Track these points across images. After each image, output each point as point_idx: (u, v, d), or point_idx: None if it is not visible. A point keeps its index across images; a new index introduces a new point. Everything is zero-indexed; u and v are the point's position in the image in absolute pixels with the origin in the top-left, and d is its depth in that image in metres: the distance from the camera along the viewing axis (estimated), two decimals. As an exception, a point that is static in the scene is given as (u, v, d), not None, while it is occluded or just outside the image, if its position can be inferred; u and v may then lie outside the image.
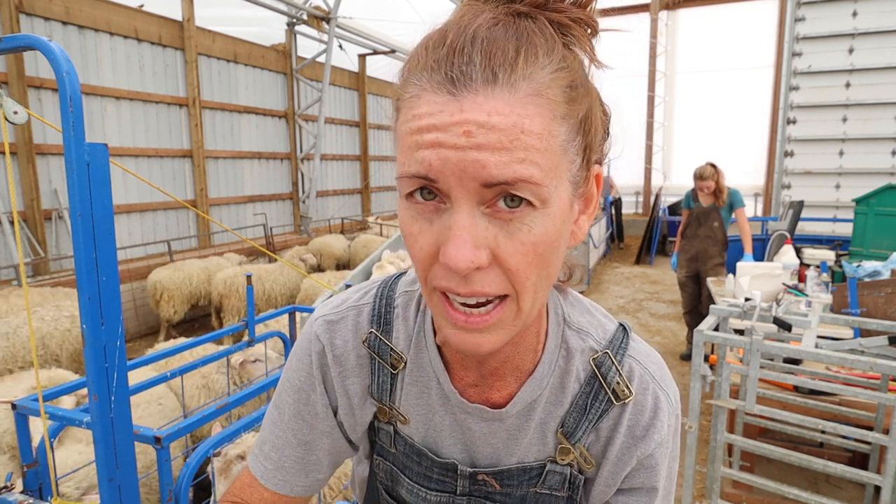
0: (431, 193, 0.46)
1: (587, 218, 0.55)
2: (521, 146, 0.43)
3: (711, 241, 4.78)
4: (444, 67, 0.44)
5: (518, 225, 0.45)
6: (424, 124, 0.44)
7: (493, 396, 0.63)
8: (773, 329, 2.45)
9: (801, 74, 6.87)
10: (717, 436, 2.26)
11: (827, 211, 7.00)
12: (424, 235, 0.47)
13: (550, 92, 0.45)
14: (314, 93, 10.88)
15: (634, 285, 8.59)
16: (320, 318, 0.69)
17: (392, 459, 0.69)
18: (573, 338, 0.63)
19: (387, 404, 0.67)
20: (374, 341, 0.66)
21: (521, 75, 0.44)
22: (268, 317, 2.66)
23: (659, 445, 0.62)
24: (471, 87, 0.43)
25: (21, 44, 1.16)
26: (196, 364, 2.27)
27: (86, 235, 1.15)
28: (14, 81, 6.10)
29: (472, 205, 0.45)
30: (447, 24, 0.48)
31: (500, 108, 0.43)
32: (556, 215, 0.47)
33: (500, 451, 0.64)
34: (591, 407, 0.62)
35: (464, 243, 0.44)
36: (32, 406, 1.69)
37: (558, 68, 0.46)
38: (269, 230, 9.25)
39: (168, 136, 8.15)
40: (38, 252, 6.31)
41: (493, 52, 0.44)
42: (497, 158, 0.42)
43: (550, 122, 0.45)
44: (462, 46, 0.44)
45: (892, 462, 1.91)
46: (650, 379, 0.63)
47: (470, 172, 0.43)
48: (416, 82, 0.46)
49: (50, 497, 1.63)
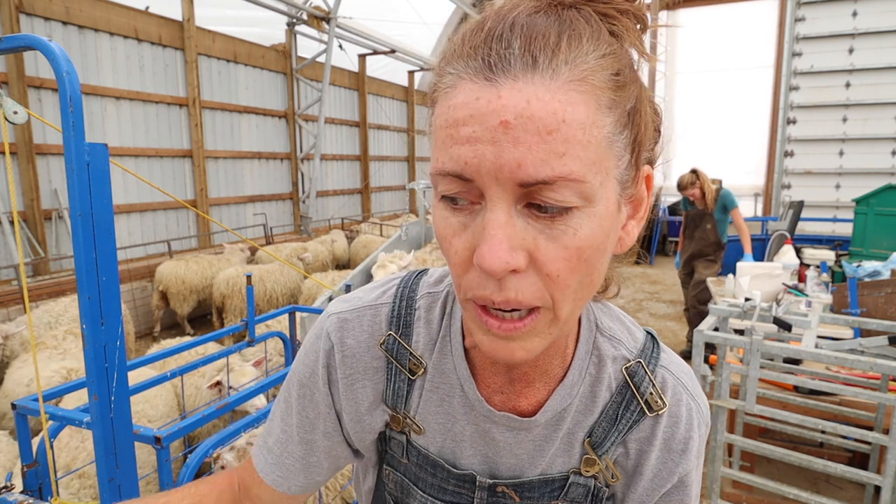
0: (463, 199, 0.44)
1: (637, 223, 0.51)
2: (561, 137, 0.40)
3: (705, 242, 4.92)
4: (482, 53, 0.42)
5: (562, 227, 0.42)
6: (461, 115, 0.42)
7: (520, 404, 0.60)
8: (773, 329, 2.45)
9: (801, 74, 6.88)
10: (717, 436, 2.26)
11: (827, 211, 7.01)
12: (459, 239, 0.45)
13: (595, 78, 0.42)
14: (314, 93, 10.88)
15: (634, 285, 8.59)
16: (334, 314, 0.65)
17: (403, 471, 0.66)
18: (605, 345, 0.60)
19: (401, 412, 0.63)
20: (392, 344, 0.62)
21: (563, 60, 0.41)
22: (268, 317, 2.66)
23: (696, 459, 0.60)
24: (509, 73, 0.41)
25: (21, 44, 1.16)
26: (196, 364, 2.27)
27: (86, 235, 1.15)
28: (14, 81, 6.09)
29: (509, 203, 0.42)
30: (485, 15, 0.46)
31: (541, 94, 0.40)
32: (603, 216, 0.43)
33: (524, 462, 0.61)
34: (621, 417, 0.59)
35: (499, 243, 0.41)
36: (32, 406, 1.69)
37: (604, 54, 0.43)
38: (269, 230, 9.25)
39: (168, 136, 8.15)
40: (38, 252, 6.31)
41: (534, 37, 0.41)
42: (534, 155, 0.39)
43: (595, 112, 0.41)
44: (501, 32, 0.42)
45: (892, 462, 1.91)
46: (683, 390, 0.60)
47: (506, 171, 0.40)
48: (451, 72, 0.44)
49: (50, 497, 1.63)
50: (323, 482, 0.70)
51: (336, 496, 2.38)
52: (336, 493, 2.38)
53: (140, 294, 6.55)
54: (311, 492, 0.71)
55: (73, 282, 5.94)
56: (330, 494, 2.36)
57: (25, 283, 1.25)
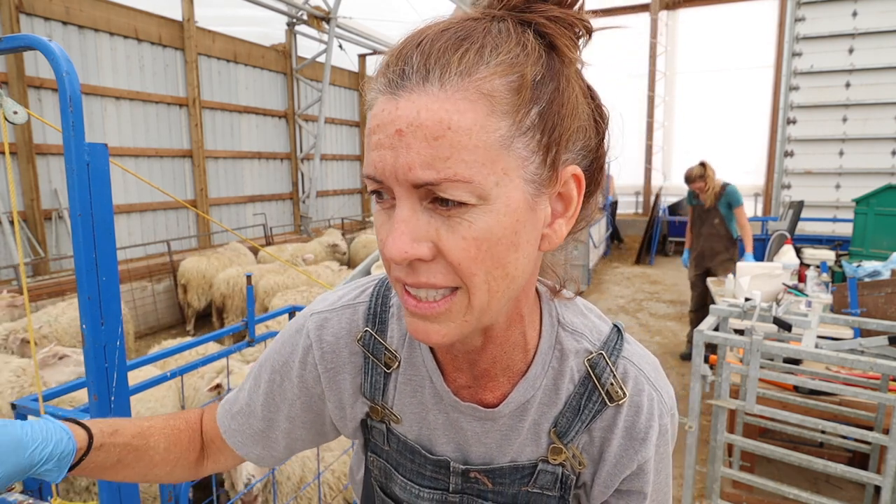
0: (386, 195, 0.49)
1: (566, 221, 0.53)
2: (447, 143, 0.43)
3: (715, 237, 4.78)
4: (390, 70, 0.47)
5: (458, 220, 0.46)
6: (373, 125, 0.47)
7: (486, 397, 0.63)
8: (773, 329, 2.45)
9: (801, 74, 6.87)
10: (717, 436, 2.26)
11: (827, 211, 7.00)
12: (383, 230, 0.50)
13: (488, 86, 0.45)
14: (314, 93, 10.88)
15: (634, 285, 8.59)
16: (316, 313, 0.70)
17: (386, 457, 0.70)
18: (567, 339, 0.63)
19: (378, 403, 0.67)
20: (368, 340, 0.67)
21: (455, 72, 0.44)
22: (268, 317, 2.65)
23: (655, 447, 0.62)
24: (406, 87, 0.45)
25: (21, 44, 1.15)
26: (196, 364, 2.27)
27: (86, 235, 1.15)
28: (14, 81, 6.10)
29: (413, 201, 0.46)
30: (407, 35, 0.50)
31: (430, 104, 0.44)
32: (502, 212, 0.46)
33: (493, 450, 0.64)
34: (584, 407, 0.62)
35: (400, 235, 0.46)
36: (32, 406, 1.69)
37: (505, 63, 0.46)
38: (269, 230, 9.25)
39: (168, 136, 8.15)
40: (38, 252, 6.31)
41: (431, 52, 0.46)
42: (422, 159, 0.44)
43: (486, 117, 0.44)
44: (407, 51, 0.47)
45: (892, 462, 1.91)
46: (645, 380, 0.62)
47: (401, 174, 0.45)
48: (373, 87, 0.50)
49: (50, 497, 1.63)
50: (279, 459, 0.75)
51: (338, 495, 2.38)
52: (338, 492, 2.38)
53: (140, 294, 6.55)
54: (266, 466, 0.77)
55: (73, 282, 5.94)
56: (332, 493, 2.36)
57: (25, 283, 1.25)
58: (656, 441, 0.62)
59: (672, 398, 0.65)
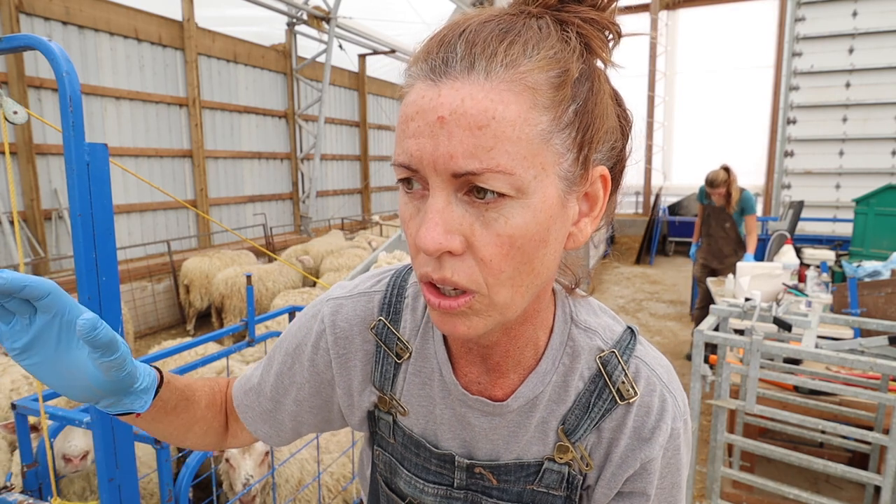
0: (418, 184, 0.48)
1: (591, 221, 0.53)
2: (490, 133, 0.43)
3: (725, 240, 4.80)
4: (432, 57, 0.47)
5: (494, 214, 0.45)
6: (410, 112, 0.46)
7: (495, 392, 0.63)
8: (773, 329, 2.45)
9: (801, 74, 6.87)
10: (717, 436, 2.26)
11: (827, 211, 6.99)
12: (413, 222, 0.49)
13: (532, 79, 0.45)
14: (314, 93, 10.88)
15: (634, 285, 8.59)
16: (331, 299, 0.70)
17: (391, 450, 0.70)
18: (580, 336, 0.62)
19: (387, 394, 0.67)
20: (381, 329, 0.67)
21: (500, 63, 0.44)
22: (268, 317, 2.66)
23: (663, 449, 0.61)
24: (450, 75, 0.45)
25: (21, 44, 1.15)
26: (196, 364, 2.27)
27: (86, 235, 1.15)
28: (14, 81, 6.09)
29: (448, 191, 0.46)
30: (448, 24, 0.50)
31: (475, 93, 0.44)
32: (538, 208, 0.46)
33: (499, 446, 0.64)
34: (593, 405, 0.60)
35: (434, 226, 0.45)
36: (32, 406, 1.69)
37: (548, 58, 0.46)
38: (269, 230, 9.25)
39: (168, 136, 8.14)
40: (38, 252, 6.30)
41: (476, 42, 0.45)
42: (465, 148, 0.43)
43: (529, 110, 0.45)
44: (450, 39, 0.47)
45: (892, 462, 1.91)
46: (657, 381, 0.61)
47: (441, 163, 0.44)
48: (410, 73, 0.49)
49: (50, 497, 1.63)
50: (286, 440, 0.77)
51: (336, 497, 2.38)
52: (336, 494, 2.38)
53: (140, 294, 6.55)
54: (273, 444, 0.77)
55: (73, 282, 5.93)
56: (330, 495, 2.36)
57: (25, 283, 1.25)
58: (665, 444, 0.60)
59: (685, 404, 0.63)
